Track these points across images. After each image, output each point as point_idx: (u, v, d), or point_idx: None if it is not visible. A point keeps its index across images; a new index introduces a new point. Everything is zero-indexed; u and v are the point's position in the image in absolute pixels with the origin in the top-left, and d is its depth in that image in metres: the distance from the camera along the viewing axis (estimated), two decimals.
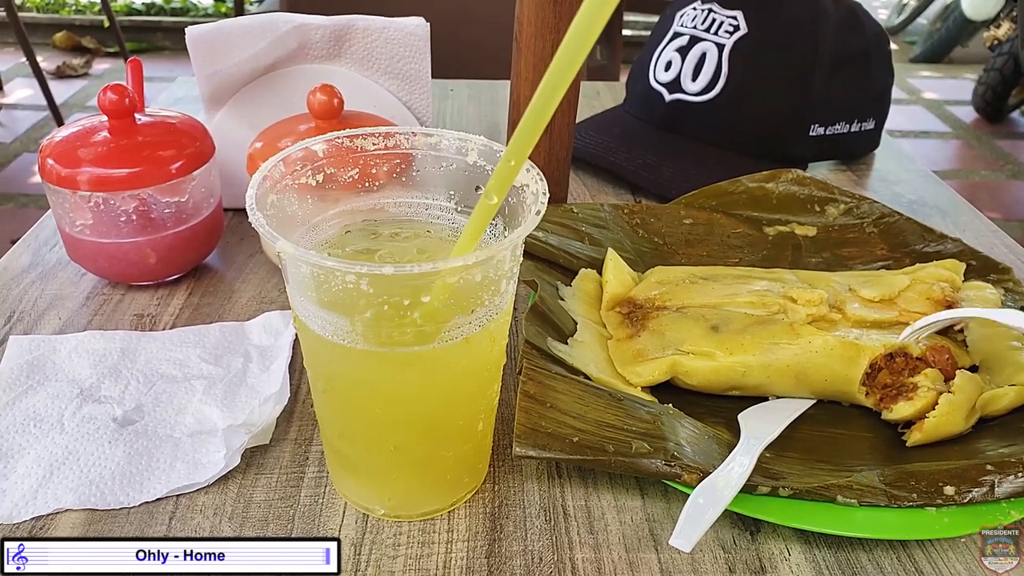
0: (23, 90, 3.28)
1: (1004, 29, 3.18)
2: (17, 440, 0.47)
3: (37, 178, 2.60)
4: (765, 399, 0.51)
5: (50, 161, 0.56)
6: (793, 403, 0.50)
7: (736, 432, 0.47)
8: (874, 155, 0.88)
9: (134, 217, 0.57)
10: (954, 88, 3.71)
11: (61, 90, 3.19)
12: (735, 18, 0.78)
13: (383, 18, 0.67)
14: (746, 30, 0.78)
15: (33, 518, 0.43)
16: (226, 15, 3.84)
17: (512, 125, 0.65)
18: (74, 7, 3.84)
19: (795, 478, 0.44)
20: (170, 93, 0.98)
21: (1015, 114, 3.33)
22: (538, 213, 0.36)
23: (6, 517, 0.43)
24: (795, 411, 0.49)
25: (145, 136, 0.58)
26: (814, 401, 0.51)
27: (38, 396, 0.50)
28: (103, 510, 0.43)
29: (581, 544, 0.42)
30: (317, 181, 0.42)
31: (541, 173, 0.38)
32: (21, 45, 2.63)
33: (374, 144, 0.43)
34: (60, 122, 2.75)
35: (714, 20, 0.79)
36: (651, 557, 0.42)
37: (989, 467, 0.42)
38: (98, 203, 0.56)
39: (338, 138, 0.42)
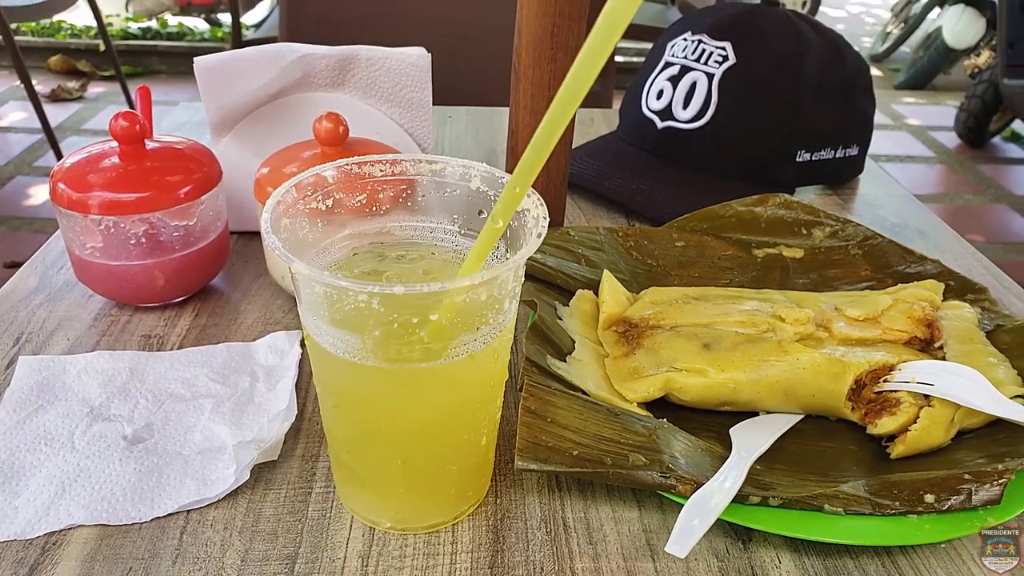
0: (17, 113, 3.30)
1: (984, 57, 3.26)
2: (28, 459, 0.49)
3: (32, 201, 2.63)
4: (755, 414, 0.53)
5: (61, 185, 0.58)
6: (782, 418, 0.52)
7: (728, 445, 0.49)
8: (859, 180, 0.91)
9: (143, 240, 0.59)
10: (937, 114, 3.78)
11: (56, 113, 3.21)
12: (724, 49, 0.81)
13: (386, 48, 0.69)
14: (734, 60, 0.81)
15: (46, 534, 0.44)
16: (222, 40, 3.88)
17: (511, 152, 0.68)
18: (69, 31, 3.86)
19: (784, 489, 0.45)
20: (173, 118, 1.00)
21: (996, 140, 3.40)
22: (539, 236, 0.38)
23: (19, 533, 0.44)
24: (784, 425, 0.51)
25: (155, 161, 0.60)
26: (802, 416, 0.53)
27: (48, 415, 0.52)
28: (115, 525, 0.45)
29: (581, 554, 0.44)
30: (327, 206, 0.44)
31: (541, 198, 0.40)
32: (16, 68, 2.65)
33: (381, 171, 0.45)
34: (55, 146, 2.76)
35: (704, 51, 0.82)
36: (648, 566, 0.44)
37: (967, 476, 0.44)
38: (108, 227, 0.58)
39: (347, 165, 0.44)
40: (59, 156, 2.77)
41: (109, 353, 0.57)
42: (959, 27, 3.61)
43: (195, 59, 0.67)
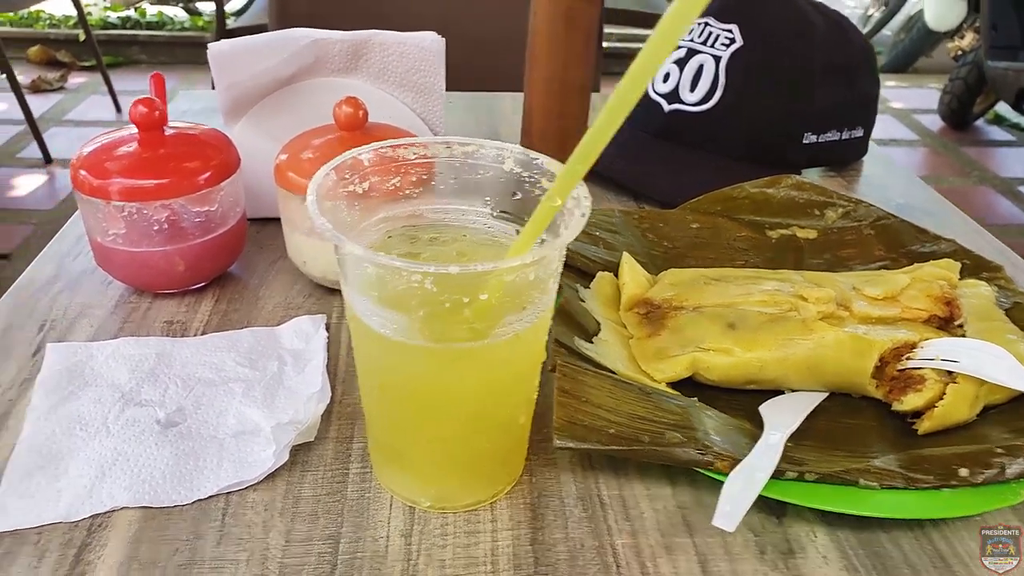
0: None
1: (968, 40, 3.28)
2: (66, 443, 0.49)
3: (16, 192, 2.59)
4: (780, 392, 0.54)
5: (83, 172, 0.58)
6: (808, 396, 0.53)
7: (756, 423, 0.50)
8: (862, 161, 0.92)
9: (165, 226, 0.59)
10: (920, 97, 3.81)
11: (37, 104, 3.15)
12: (730, 31, 0.82)
13: (399, 33, 0.69)
14: (741, 43, 0.81)
15: (91, 516, 0.44)
16: (203, 28, 3.83)
17: (525, 132, 0.68)
18: (48, 21, 3.80)
19: (815, 464, 0.46)
20: (174, 107, 0.99)
21: (980, 122, 3.43)
22: (583, 216, 0.39)
23: (64, 515, 0.44)
24: (812, 403, 0.52)
25: (175, 148, 0.59)
26: (827, 393, 0.54)
27: (80, 401, 0.52)
28: (157, 508, 0.45)
29: (619, 531, 0.45)
30: (363, 189, 0.44)
31: (583, 181, 0.41)
32: None
33: (415, 153, 0.46)
34: (38, 137, 2.73)
35: (711, 33, 0.83)
36: (687, 541, 0.44)
37: (999, 450, 0.45)
38: (131, 213, 0.58)
39: (382, 148, 0.45)
40: (43, 148, 2.74)
41: (135, 339, 0.57)
42: (940, 9, 3.63)
43: (209, 45, 0.66)
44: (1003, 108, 3.40)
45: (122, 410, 0.51)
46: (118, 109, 3.23)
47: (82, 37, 3.35)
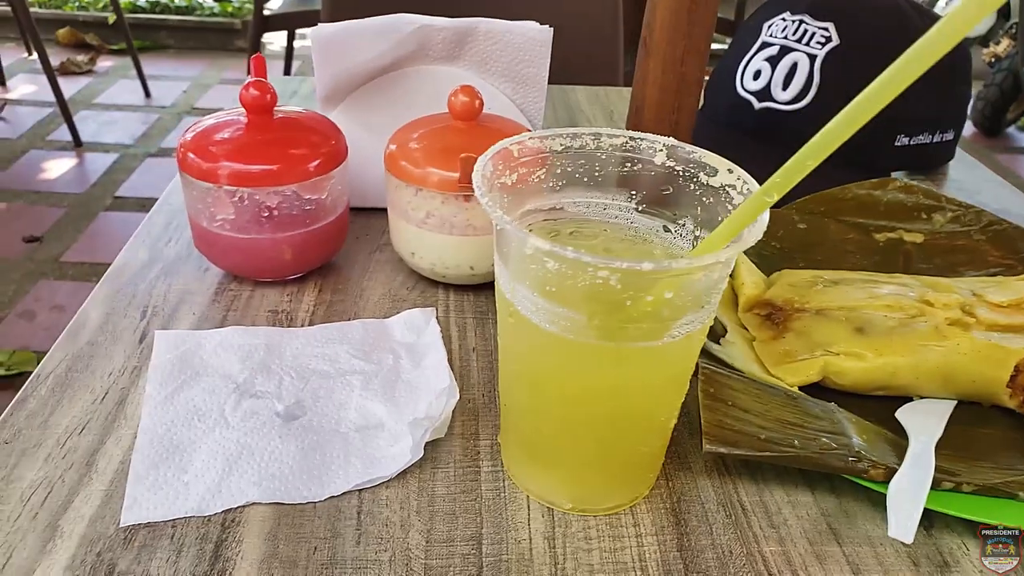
0: (26, 86, 3.24)
1: (1003, 46, 3.25)
2: (186, 434, 0.47)
3: (46, 175, 2.59)
4: (909, 399, 0.53)
5: (191, 155, 0.56)
6: (942, 403, 0.52)
7: (891, 429, 0.48)
8: (948, 166, 0.90)
9: (276, 213, 0.57)
10: None
11: (66, 87, 3.14)
12: (827, 29, 0.80)
13: (506, 22, 0.67)
14: (838, 41, 0.79)
15: (223, 511, 0.43)
16: (232, 15, 3.82)
17: (634, 128, 0.66)
18: (77, 3, 3.80)
19: (968, 475, 0.45)
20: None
21: (1012, 129, 3.40)
22: (765, 218, 0.37)
23: (196, 510, 0.43)
24: (948, 409, 0.51)
25: (286, 133, 0.58)
26: (956, 401, 0.53)
27: (194, 390, 0.50)
28: (290, 504, 0.44)
29: (766, 538, 0.43)
30: (512, 181, 0.43)
31: (749, 175, 0.39)
32: (32, 40, 2.61)
33: (561, 144, 0.44)
34: (69, 119, 2.72)
35: (806, 31, 0.81)
36: (836, 550, 0.43)
37: None
38: (242, 198, 0.56)
39: (530, 138, 0.43)
40: (73, 131, 2.73)
41: (243, 329, 0.56)
42: None
43: (312, 28, 0.65)
44: None
45: (238, 401, 0.50)
46: (147, 94, 3.23)
47: (112, 19, 3.35)
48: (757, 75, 0.83)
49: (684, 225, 0.44)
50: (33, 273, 1.97)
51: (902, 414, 0.50)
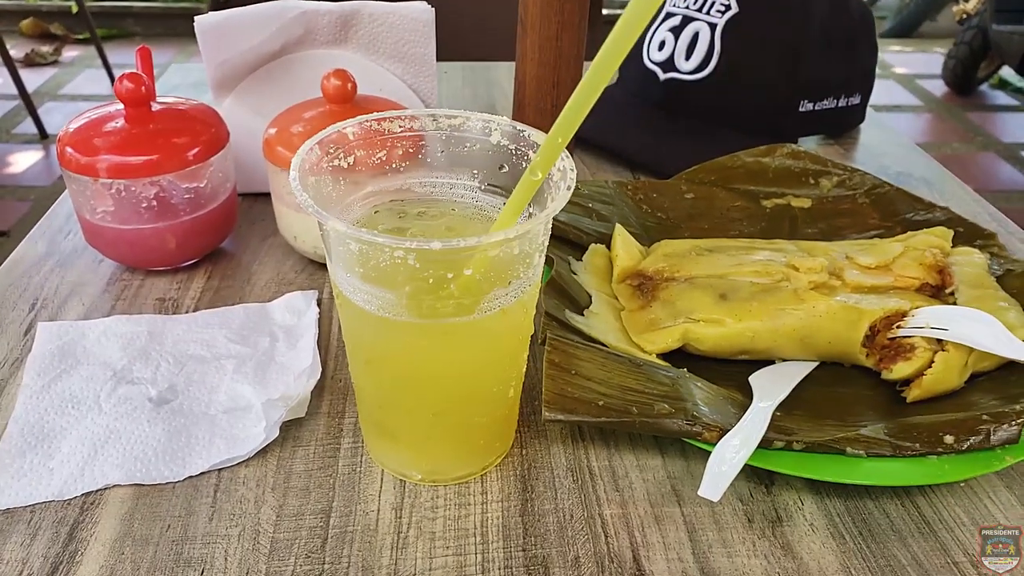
0: None
1: (973, 3, 3.24)
2: (58, 422, 0.49)
3: (12, 169, 2.58)
4: (771, 362, 0.54)
5: (69, 150, 0.57)
6: (799, 365, 0.53)
7: (746, 393, 0.50)
8: (859, 129, 0.91)
9: (154, 203, 0.58)
10: (924, 62, 3.77)
11: (31, 79, 3.14)
12: None
13: (389, 3, 0.68)
14: (737, 9, 0.80)
15: (83, 494, 0.45)
16: (198, 0, 3.79)
17: (518, 104, 0.67)
18: None
19: (804, 433, 0.46)
20: (165, 80, 0.99)
21: (984, 87, 3.40)
22: (568, 188, 0.38)
23: (57, 494, 0.44)
24: (801, 373, 0.52)
25: (162, 123, 0.59)
26: (817, 363, 0.54)
27: (72, 379, 0.52)
28: (149, 485, 0.45)
29: (608, 501, 0.45)
30: (348, 163, 0.44)
31: (568, 152, 0.40)
32: None
33: (400, 127, 0.45)
34: (33, 112, 2.71)
35: (706, 0, 0.82)
36: (675, 511, 0.45)
37: (985, 417, 0.45)
38: (119, 190, 0.57)
39: (367, 121, 0.44)
40: (38, 123, 2.72)
41: (126, 317, 0.57)
42: None
43: (196, 18, 0.66)
44: (1007, 72, 3.37)
45: (114, 388, 0.51)
46: (113, 83, 3.21)
47: (75, 9, 3.32)
48: (662, 45, 0.84)
49: None
50: None
51: (755, 378, 0.51)
